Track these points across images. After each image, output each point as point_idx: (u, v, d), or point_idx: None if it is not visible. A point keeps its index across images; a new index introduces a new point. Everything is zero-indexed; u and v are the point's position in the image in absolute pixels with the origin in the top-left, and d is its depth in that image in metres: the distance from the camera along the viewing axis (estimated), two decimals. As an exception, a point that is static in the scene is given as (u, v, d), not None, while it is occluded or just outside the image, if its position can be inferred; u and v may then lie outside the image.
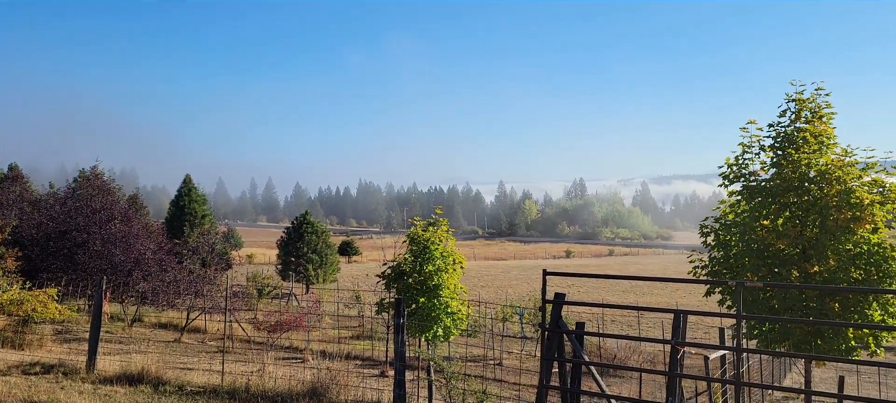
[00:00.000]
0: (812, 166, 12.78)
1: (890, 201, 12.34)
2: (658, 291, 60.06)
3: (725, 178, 13.98)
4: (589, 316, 39.66)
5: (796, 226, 12.68)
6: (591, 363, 9.39)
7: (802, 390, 9.12)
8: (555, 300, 9.35)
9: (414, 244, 17.54)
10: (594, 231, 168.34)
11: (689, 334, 33.86)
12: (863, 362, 7.62)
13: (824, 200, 12.41)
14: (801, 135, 12.96)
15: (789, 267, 12.60)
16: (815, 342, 11.90)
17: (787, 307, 12.10)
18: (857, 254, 12.16)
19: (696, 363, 22.68)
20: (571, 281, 61.11)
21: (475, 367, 24.00)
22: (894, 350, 35.97)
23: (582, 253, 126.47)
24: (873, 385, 25.51)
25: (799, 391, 9.07)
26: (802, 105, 13.18)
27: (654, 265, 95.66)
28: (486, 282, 65.70)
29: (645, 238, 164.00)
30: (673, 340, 8.42)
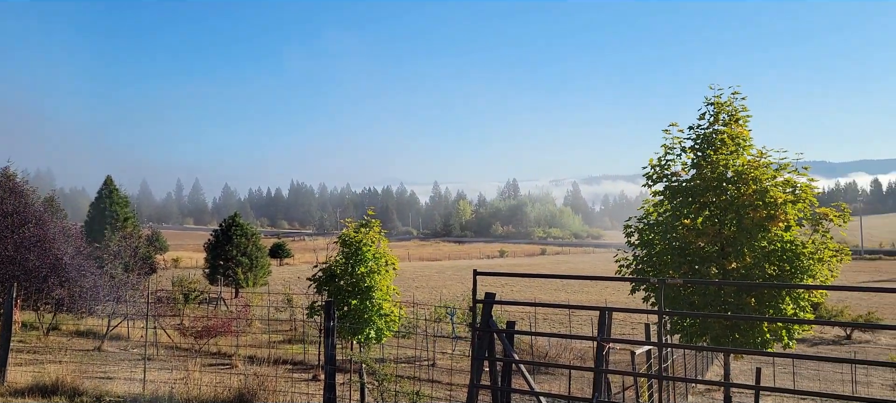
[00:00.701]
0: (729, 167, 13.33)
1: (801, 200, 13.00)
2: (588, 289, 61.47)
3: (649, 179, 14.41)
4: (521, 314, 40.21)
5: (715, 225, 13.19)
6: (520, 361, 9.51)
7: (722, 382, 9.49)
8: (485, 300, 9.42)
9: (345, 246, 17.35)
10: (527, 230, 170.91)
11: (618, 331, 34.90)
12: (777, 354, 8.00)
13: (741, 200, 12.96)
14: (719, 137, 13.50)
15: (709, 264, 13.11)
16: (733, 336, 12.43)
17: (707, 302, 12.58)
18: (771, 251, 12.76)
19: (626, 358, 23.36)
20: (504, 281, 61.81)
21: (409, 368, 23.96)
22: (807, 342, 37.98)
23: (515, 252, 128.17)
24: (788, 376, 26.87)
25: (719, 383, 9.43)
26: (720, 108, 13.73)
27: (584, 263, 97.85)
28: (420, 283, 65.71)
29: (576, 237, 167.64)
30: (599, 337, 8.63)
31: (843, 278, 67.46)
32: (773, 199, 12.65)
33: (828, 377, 27.10)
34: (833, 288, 10.05)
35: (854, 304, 45.78)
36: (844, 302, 45.07)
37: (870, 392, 24.78)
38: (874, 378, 27.32)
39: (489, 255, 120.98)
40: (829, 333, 41.43)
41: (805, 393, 8.99)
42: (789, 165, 13.35)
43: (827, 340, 39.98)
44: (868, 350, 36.12)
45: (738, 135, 13.49)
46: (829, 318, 39.51)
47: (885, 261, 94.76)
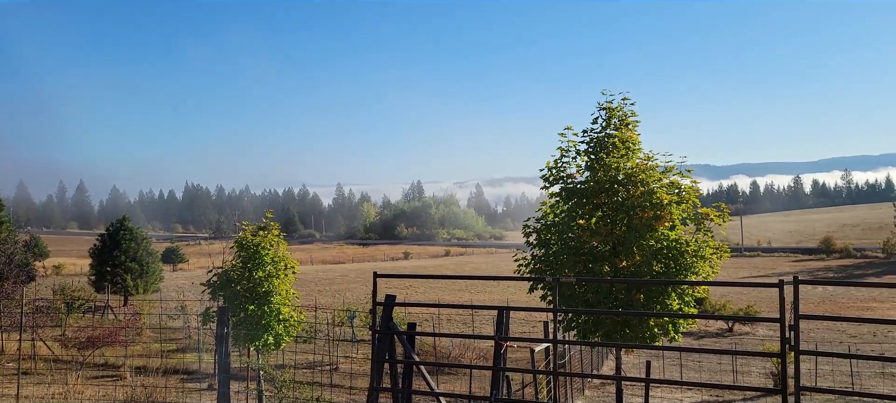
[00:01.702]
0: (620, 169, 13.91)
1: (685, 201, 13.76)
2: (491, 289, 62.49)
3: (546, 181, 14.81)
4: (425, 315, 40.33)
5: (607, 225, 13.73)
6: (421, 362, 9.52)
7: (614, 376, 9.86)
8: (385, 302, 9.37)
9: (242, 249, 16.82)
10: (431, 232, 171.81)
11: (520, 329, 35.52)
12: (666, 347, 8.40)
13: (631, 201, 13.56)
14: (610, 140, 14.07)
15: (602, 262, 13.62)
16: (624, 331, 12.97)
17: (600, 300, 13.07)
18: (658, 250, 13.41)
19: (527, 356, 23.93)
20: (408, 283, 61.86)
21: (310, 374, 23.50)
22: (693, 335, 40.27)
23: (420, 254, 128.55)
24: (675, 367, 28.34)
25: (612, 377, 9.82)
26: (612, 113, 14.31)
27: (487, 264, 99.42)
28: (323, 287, 64.65)
29: (479, 238, 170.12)
30: (496, 336, 8.78)
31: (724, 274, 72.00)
32: (659, 200, 13.30)
33: (712, 367, 28.79)
34: (714, 284, 10.70)
35: (735, 299, 48.90)
36: (726, 296, 48.04)
37: (749, 381, 26.59)
38: (752, 367, 29.29)
39: (394, 257, 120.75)
40: (713, 326, 44.10)
41: (691, 384, 9.51)
42: (674, 168, 14.10)
43: (711, 333, 42.53)
44: (747, 341, 38.70)
45: (629, 139, 14.11)
46: (713, 312, 42.09)
47: (763, 258, 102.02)
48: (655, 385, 21.22)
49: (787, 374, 7.07)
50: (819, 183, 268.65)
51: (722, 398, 21.79)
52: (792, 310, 7.09)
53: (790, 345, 7.03)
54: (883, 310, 50.31)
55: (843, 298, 57.01)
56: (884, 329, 38.92)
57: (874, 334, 38.25)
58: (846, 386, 24.71)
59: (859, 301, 55.30)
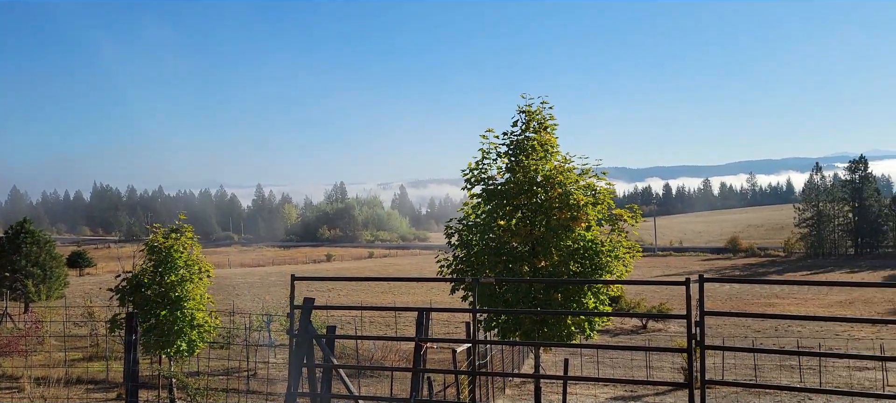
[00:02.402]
0: (539, 171, 14.18)
1: (600, 203, 14.17)
2: (415, 291, 62.47)
3: (468, 182, 14.93)
4: (348, 318, 39.89)
5: (527, 226, 13.97)
6: (339, 366, 9.38)
7: (533, 375, 10.01)
8: (303, 305, 9.19)
9: (153, 253, 16.14)
10: (355, 234, 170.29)
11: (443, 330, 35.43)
12: (583, 345, 8.62)
13: (549, 202, 13.85)
14: (530, 143, 14.32)
15: (521, 262, 13.85)
16: (542, 330, 13.23)
17: (519, 299, 13.27)
18: (575, 250, 13.75)
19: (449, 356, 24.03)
20: (331, 285, 61.07)
21: (227, 380, 22.80)
22: (609, 333, 41.53)
23: (343, 256, 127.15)
24: (593, 364, 29.15)
25: (531, 376, 9.98)
26: (531, 116, 14.57)
27: (411, 265, 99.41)
28: (241, 291, 62.93)
29: (403, 239, 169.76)
30: (417, 337, 8.75)
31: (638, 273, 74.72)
32: (576, 202, 13.65)
33: (627, 364, 29.76)
34: (627, 283, 11.06)
35: (649, 297, 50.72)
36: (641, 295, 49.80)
37: (661, 376, 27.64)
38: (665, 363, 30.47)
39: (316, 260, 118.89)
40: (628, 324, 45.62)
41: (607, 380, 9.77)
42: (590, 170, 14.50)
43: (626, 330, 43.99)
44: (660, 338, 40.25)
45: (547, 141, 14.40)
46: (628, 310, 43.58)
47: (675, 257, 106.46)
48: (573, 382, 21.76)
49: (693, 368, 7.37)
50: (726, 185, 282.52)
51: (635, 392, 22.56)
52: (698, 307, 7.40)
53: (696, 341, 7.33)
54: (784, 306, 53.42)
55: (747, 295, 60.22)
56: (784, 323, 41.29)
57: (776, 329, 40.52)
58: (750, 378, 26.08)
59: (762, 297, 58.55)
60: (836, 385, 25.11)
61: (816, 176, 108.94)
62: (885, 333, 37.82)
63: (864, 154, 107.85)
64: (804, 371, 28.02)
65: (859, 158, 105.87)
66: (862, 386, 24.73)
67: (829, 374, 27.33)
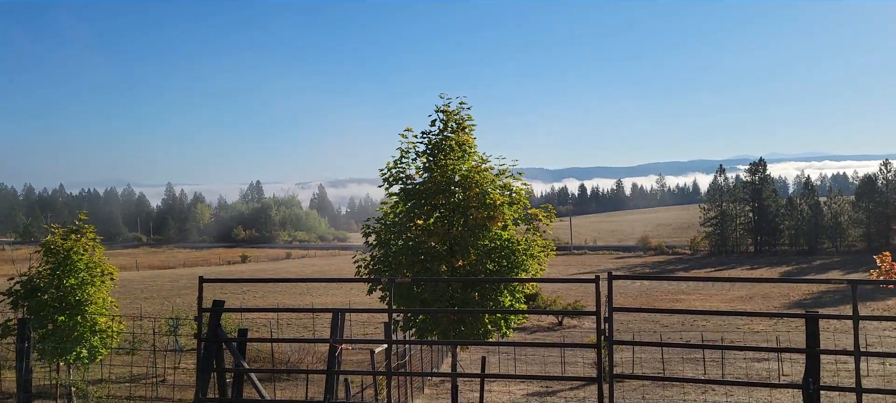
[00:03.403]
0: (457, 171, 14.25)
1: (516, 202, 14.39)
2: (334, 292, 61.66)
3: (386, 181, 14.83)
4: (264, 320, 38.94)
5: (445, 225, 14.01)
6: (251, 370, 9.11)
7: (450, 373, 10.05)
8: (212, 308, 8.86)
9: (51, 255, 15.20)
10: (271, 234, 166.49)
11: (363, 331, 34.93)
12: (500, 343, 8.69)
13: (466, 201, 13.95)
14: (448, 143, 14.37)
15: (439, 262, 13.87)
16: (460, 328, 13.30)
17: (437, 298, 13.29)
18: (491, 249, 13.91)
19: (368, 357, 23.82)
20: (246, 287, 59.48)
21: (133, 388, 21.78)
22: (526, 330, 42.30)
23: (259, 257, 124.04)
24: (511, 362, 29.60)
25: (448, 375, 9.99)
26: (449, 117, 14.63)
27: (329, 266, 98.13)
28: (150, 294, 60.38)
29: (322, 240, 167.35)
30: (331, 339, 8.60)
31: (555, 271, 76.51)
32: (492, 201, 13.80)
33: (544, 360, 30.42)
34: (541, 281, 11.25)
35: (565, 294, 52.04)
36: (557, 293, 51.03)
37: (576, 371, 28.39)
38: (579, 358, 31.32)
39: (231, 261, 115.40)
40: (545, 321, 46.61)
41: (523, 377, 9.90)
42: (507, 170, 14.70)
43: (543, 327, 44.92)
44: (575, 333, 41.31)
45: (465, 141, 14.50)
46: (545, 307, 44.55)
47: (590, 255, 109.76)
48: (490, 379, 22.03)
49: (602, 363, 7.57)
50: (638, 186, 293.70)
51: (551, 388, 23.08)
52: (607, 304, 7.60)
53: (605, 336, 7.53)
54: (690, 302, 56.00)
55: (657, 291, 62.73)
56: (690, 318, 43.25)
57: (682, 323, 42.38)
58: (658, 371, 27.17)
59: (670, 293, 61.14)
60: (736, 376, 26.52)
61: (720, 177, 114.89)
62: (781, 326, 40.30)
63: (763, 157, 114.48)
64: (707, 363, 29.45)
65: (758, 161, 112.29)
66: (759, 376, 26.22)
67: (729, 365, 28.84)
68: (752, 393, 21.24)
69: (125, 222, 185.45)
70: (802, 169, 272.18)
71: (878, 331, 34.57)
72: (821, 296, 58.15)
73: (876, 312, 46.98)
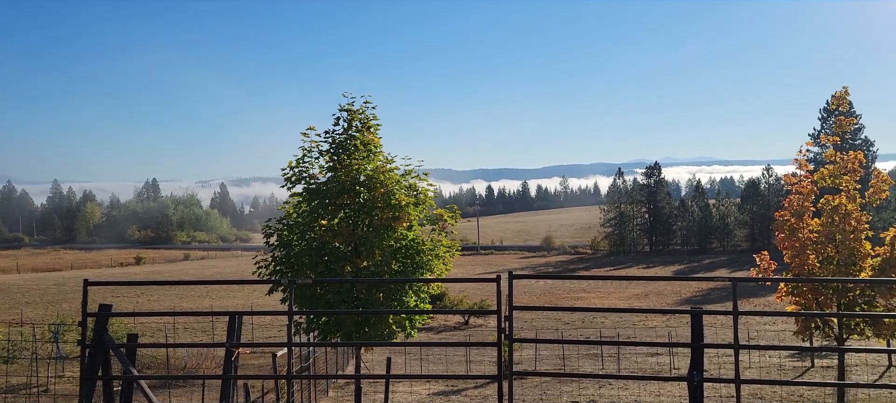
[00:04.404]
0: (362, 171, 14.15)
1: (422, 203, 14.44)
2: (235, 294, 59.69)
3: (288, 181, 14.53)
4: (159, 325, 37.23)
5: (350, 225, 13.87)
6: (140, 377, 8.65)
7: (354, 375, 9.92)
8: (98, 312, 8.37)
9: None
10: (169, 235, 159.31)
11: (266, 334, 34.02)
12: (400, 343, 8.66)
13: (372, 202, 13.87)
14: (352, 142, 14.25)
15: (343, 262, 13.73)
16: (364, 329, 13.20)
17: (341, 299, 13.14)
18: (397, 249, 13.90)
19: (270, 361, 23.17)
20: (141, 291, 56.63)
21: (14, 398, 20.27)
22: (434, 330, 42.50)
23: (155, 258, 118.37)
24: (417, 361, 29.64)
25: (351, 376, 9.86)
26: (353, 116, 14.50)
27: (231, 267, 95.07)
28: (33, 298, 56.43)
29: (223, 240, 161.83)
30: (228, 342, 8.31)
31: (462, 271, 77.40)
32: (398, 202, 13.80)
33: (450, 359, 30.63)
34: (444, 281, 11.32)
35: (472, 294, 52.66)
36: (464, 292, 51.56)
37: (481, 369, 28.77)
38: (485, 356, 31.76)
39: (123, 263, 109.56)
40: (451, 320, 47.00)
41: (427, 377, 9.91)
42: (412, 171, 14.73)
43: (450, 326, 45.26)
44: (481, 332, 41.88)
45: (370, 141, 14.42)
46: (452, 307, 44.92)
47: (496, 255, 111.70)
48: (395, 380, 21.98)
49: (502, 361, 7.70)
50: (542, 187, 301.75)
51: (456, 387, 23.28)
52: (507, 303, 7.74)
53: (505, 335, 7.66)
54: (590, 300, 57.99)
55: (559, 290, 64.61)
56: (590, 315, 44.81)
57: (582, 321, 43.85)
58: (559, 368, 27.97)
59: (572, 291, 63.13)
60: (631, 370, 27.70)
61: (619, 180, 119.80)
62: (674, 322, 42.46)
63: (658, 161, 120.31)
64: (605, 358, 30.60)
65: (654, 165, 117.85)
66: (653, 370, 27.51)
67: (626, 360, 30.08)
68: (647, 386, 22.25)
69: (5, 221, 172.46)
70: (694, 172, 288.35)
71: (760, 325, 37.08)
72: (709, 293, 61.71)
73: (758, 307, 50.29)
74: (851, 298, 15.90)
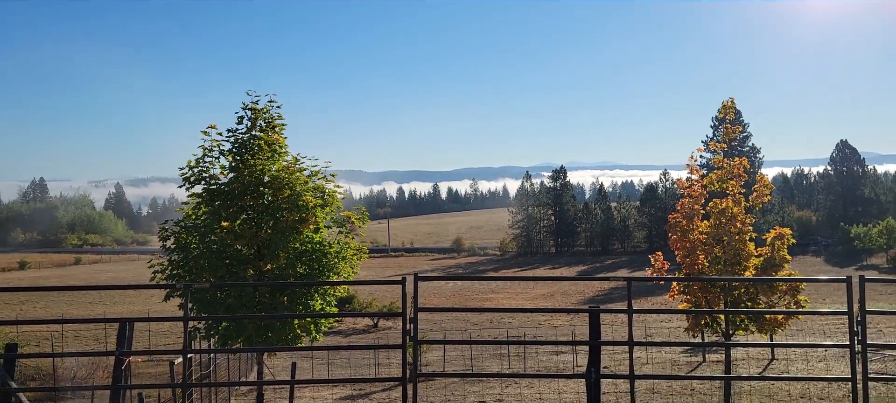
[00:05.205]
0: (266, 171, 13.78)
1: (328, 204, 14.22)
2: (132, 300, 56.84)
3: (187, 181, 13.97)
4: (46, 333, 34.96)
5: (252, 228, 13.47)
6: (19, 389, 8.06)
7: (256, 382, 9.64)
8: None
9: None
10: (58, 237, 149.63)
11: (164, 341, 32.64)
12: (303, 348, 8.48)
13: (276, 203, 13.53)
14: (256, 142, 13.85)
15: (246, 266, 13.32)
16: (267, 334, 12.85)
17: (243, 304, 12.74)
18: (302, 252, 13.62)
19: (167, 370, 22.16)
20: (25, 298, 53.00)
21: None
22: (342, 333, 42.01)
23: (42, 263, 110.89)
24: (324, 366, 29.20)
25: (253, 383, 9.57)
26: (258, 114, 14.11)
27: (126, 272, 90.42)
28: None
29: (119, 243, 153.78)
30: (118, 351, 7.88)
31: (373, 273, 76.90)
32: (304, 203, 13.52)
33: (358, 363, 30.36)
34: (349, 283, 11.21)
35: (381, 296, 52.38)
36: (373, 294, 51.20)
37: (390, 372, 28.66)
38: (393, 359, 31.67)
39: (6, 267, 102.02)
40: (361, 323, 46.60)
41: (332, 381, 9.77)
42: (320, 172, 14.49)
43: (359, 329, 44.88)
44: (390, 335, 41.74)
45: (275, 141, 14.07)
46: (361, 310, 44.58)
47: (407, 257, 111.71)
48: (300, 386, 21.55)
49: (407, 363, 7.69)
50: (453, 190, 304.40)
51: (364, 390, 23.10)
52: (412, 304, 7.73)
53: (410, 336, 7.66)
54: (498, 300, 59.01)
55: (469, 291, 65.39)
56: (498, 316, 45.55)
57: (490, 321, 44.55)
58: (468, 369, 28.28)
59: (481, 292, 64.03)
60: (537, 369, 28.39)
61: (527, 183, 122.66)
62: (577, 320, 43.84)
63: (564, 165, 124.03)
64: (512, 357, 31.22)
65: (560, 168, 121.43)
66: (558, 368, 28.30)
67: (531, 359, 30.81)
68: (550, 384, 22.87)
69: None
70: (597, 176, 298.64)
71: (657, 323, 38.89)
72: (611, 293, 64.17)
73: (655, 305, 52.75)
74: (737, 296, 16.94)
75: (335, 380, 8.50)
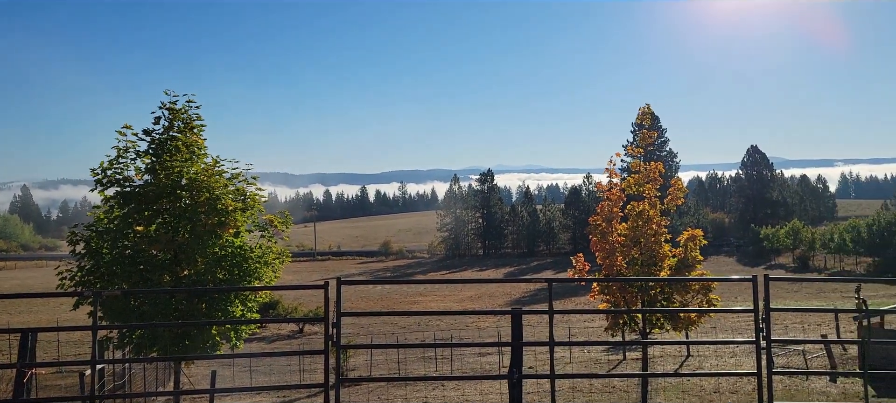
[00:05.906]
0: (184, 174, 13.33)
1: (250, 208, 13.88)
2: (39, 309, 53.88)
3: (100, 183, 13.36)
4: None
5: (169, 232, 13.00)
6: None
7: (173, 391, 9.29)
8: None
9: None
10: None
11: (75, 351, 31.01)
12: (223, 356, 8.24)
13: (195, 207, 13.10)
14: (174, 143, 13.39)
15: (161, 272, 12.83)
16: (184, 342, 12.41)
17: (159, 311, 12.27)
18: (222, 256, 13.24)
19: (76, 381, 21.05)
20: (-81, 307, 49.18)
21: None
22: (266, 340, 41.06)
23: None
24: (247, 373, 28.48)
25: (170, 393, 9.22)
26: (176, 115, 13.64)
27: (33, 279, 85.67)
28: None
29: (25, 249, 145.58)
30: (19, 362, 7.44)
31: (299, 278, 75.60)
32: (224, 207, 13.16)
33: (282, 370, 29.73)
34: (270, 288, 10.98)
35: (307, 301, 51.53)
36: (299, 300, 50.33)
37: (315, 378, 28.23)
38: (318, 364, 31.20)
39: None
40: (285, 329, 45.71)
41: (256, 389, 9.53)
42: (241, 175, 14.12)
43: (284, 335, 44.01)
44: (316, 340, 41.10)
45: (194, 142, 13.64)
46: (286, 315, 43.71)
47: (334, 261, 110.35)
48: (221, 394, 20.93)
49: (329, 368, 7.59)
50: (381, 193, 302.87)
51: (288, 397, 22.65)
52: (335, 309, 7.64)
53: (332, 341, 7.57)
54: (426, 303, 59.07)
55: (396, 294, 65.17)
56: (426, 318, 45.62)
57: (418, 324, 44.56)
58: (395, 372, 28.18)
59: (409, 295, 63.94)
60: (464, 371, 28.58)
61: (455, 186, 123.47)
62: (504, 322, 44.40)
63: (491, 168, 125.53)
64: (439, 360, 31.31)
65: (487, 172, 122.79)
66: (484, 370, 28.57)
67: (459, 361, 30.99)
68: (476, 385, 23.07)
69: None
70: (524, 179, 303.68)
71: (581, 323, 39.83)
72: (537, 293, 65.28)
73: (577, 306, 54.02)
74: (653, 295, 17.57)
75: (257, 388, 8.30)
